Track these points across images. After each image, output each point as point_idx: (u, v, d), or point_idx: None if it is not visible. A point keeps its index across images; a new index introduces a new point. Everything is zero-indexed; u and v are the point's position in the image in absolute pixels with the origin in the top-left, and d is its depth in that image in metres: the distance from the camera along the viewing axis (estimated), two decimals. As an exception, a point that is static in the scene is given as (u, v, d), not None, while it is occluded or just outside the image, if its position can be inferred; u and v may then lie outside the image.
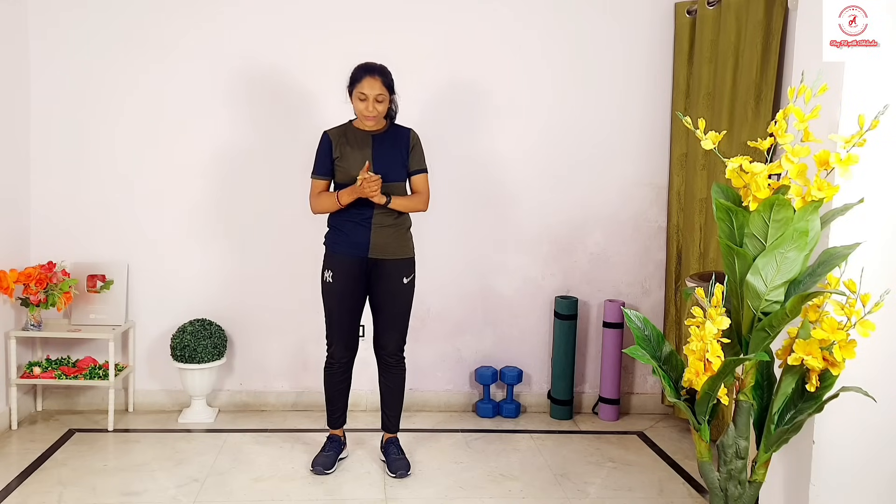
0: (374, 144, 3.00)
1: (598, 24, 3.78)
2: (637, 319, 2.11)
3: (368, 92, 2.90)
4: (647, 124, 3.84)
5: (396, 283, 3.05)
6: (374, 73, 2.92)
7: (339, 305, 3.07)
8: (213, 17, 3.65)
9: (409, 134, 3.07)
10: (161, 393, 3.80)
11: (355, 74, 2.96)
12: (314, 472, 3.10)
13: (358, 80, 2.93)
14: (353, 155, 2.98)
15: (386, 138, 3.03)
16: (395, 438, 3.21)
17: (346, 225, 3.01)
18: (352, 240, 3.00)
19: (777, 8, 3.16)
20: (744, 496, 2.04)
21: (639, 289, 3.93)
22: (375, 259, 3.00)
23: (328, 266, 3.07)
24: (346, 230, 3.01)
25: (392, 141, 3.03)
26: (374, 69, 2.94)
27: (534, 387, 3.95)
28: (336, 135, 3.04)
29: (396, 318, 3.10)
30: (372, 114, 2.93)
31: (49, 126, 3.65)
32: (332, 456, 3.16)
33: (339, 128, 3.07)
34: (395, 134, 3.05)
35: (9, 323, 3.52)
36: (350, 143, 3.00)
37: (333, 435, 3.24)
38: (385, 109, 2.97)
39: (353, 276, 3.03)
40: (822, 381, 1.92)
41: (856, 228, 2.02)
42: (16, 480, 2.96)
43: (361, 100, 2.92)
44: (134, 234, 3.72)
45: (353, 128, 3.05)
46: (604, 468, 3.25)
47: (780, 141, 1.90)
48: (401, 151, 3.02)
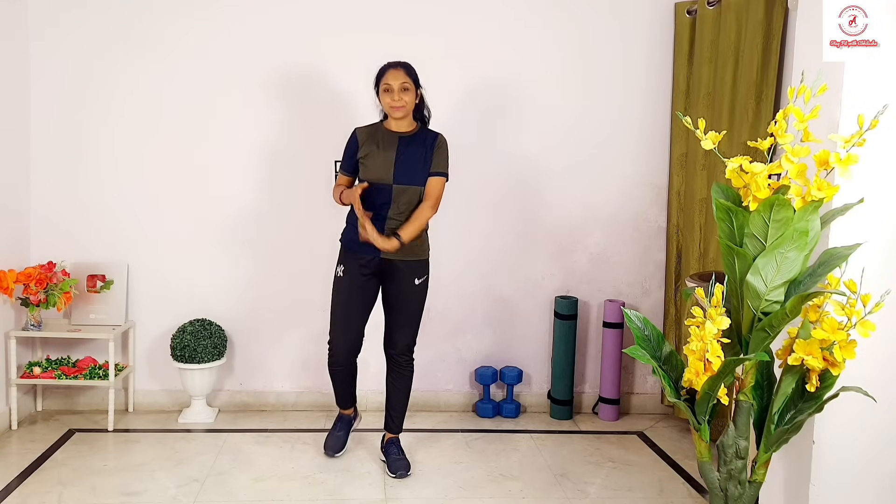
0: (400, 145, 2.98)
1: (599, 23, 3.78)
2: (637, 319, 2.11)
3: (393, 82, 2.91)
4: (648, 124, 3.84)
5: (408, 283, 3.03)
6: (397, 66, 2.95)
7: (345, 301, 3.04)
8: (212, 17, 3.65)
9: (436, 137, 3.03)
10: (161, 393, 3.80)
11: (380, 71, 2.98)
12: (326, 454, 3.23)
13: (382, 74, 2.96)
14: (377, 155, 2.96)
15: (413, 140, 3.00)
16: (396, 439, 3.21)
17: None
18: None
19: (777, 8, 3.16)
20: (744, 496, 2.04)
21: (639, 289, 3.93)
22: (389, 259, 2.98)
23: (341, 261, 3.06)
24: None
25: (419, 144, 3.00)
26: (397, 62, 2.97)
27: (534, 387, 3.95)
28: (364, 133, 3.03)
29: (408, 318, 3.10)
30: (398, 103, 2.91)
31: (49, 126, 3.65)
32: (342, 437, 3.25)
33: (369, 126, 3.06)
34: (423, 137, 3.02)
35: (9, 323, 3.52)
36: (377, 143, 2.99)
37: (343, 414, 3.31)
38: (412, 101, 2.95)
39: (364, 273, 3.01)
40: (822, 381, 1.92)
41: (856, 228, 2.02)
42: (16, 480, 2.96)
43: (386, 90, 2.92)
44: (134, 235, 3.72)
45: (382, 127, 3.03)
46: (604, 468, 3.25)
47: (780, 141, 1.90)
48: (426, 153, 2.98)
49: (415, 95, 2.97)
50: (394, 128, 3.00)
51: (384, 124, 3.04)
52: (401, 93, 2.91)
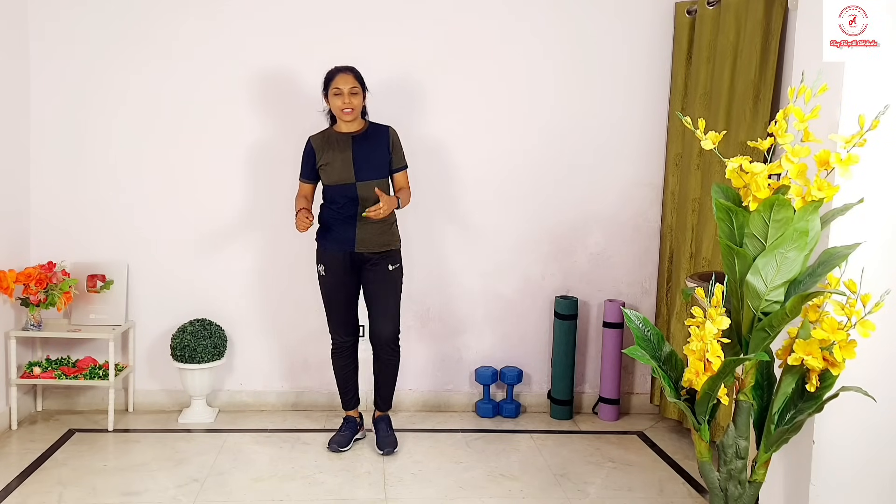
0: (354, 145, 3.16)
1: (598, 23, 3.78)
2: (637, 319, 2.11)
3: (342, 86, 3.08)
4: (647, 124, 3.84)
5: (382, 270, 3.20)
6: (345, 70, 3.12)
7: (333, 295, 3.25)
8: (212, 17, 3.65)
9: (388, 131, 3.23)
10: (161, 393, 3.80)
11: (327, 76, 3.16)
12: (330, 449, 3.27)
13: (331, 79, 3.12)
14: (336, 157, 3.14)
15: (365, 138, 3.19)
16: (385, 416, 3.33)
17: (335, 223, 3.18)
18: (339, 236, 3.17)
19: (777, 8, 3.16)
20: (744, 496, 2.04)
21: (639, 289, 3.93)
22: (361, 253, 3.16)
23: (320, 260, 3.26)
24: (335, 228, 3.18)
25: (372, 140, 3.18)
26: (344, 67, 3.14)
27: (534, 387, 3.95)
28: (318, 140, 3.22)
29: (387, 306, 3.23)
30: (349, 106, 3.08)
31: (49, 126, 3.65)
32: (347, 435, 3.31)
33: (322, 133, 3.24)
34: (374, 133, 3.21)
35: (9, 323, 3.52)
36: (332, 147, 3.17)
37: (349, 416, 3.37)
38: (360, 104, 3.14)
39: (343, 268, 3.20)
40: (822, 381, 1.92)
41: (856, 228, 2.02)
42: (16, 480, 2.96)
43: (337, 94, 3.09)
44: (133, 234, 3.72)
45: (333, 132, 3.22)
46: (604, 468, 3.25)
47: (780, 141, 1.90)
48: (382, 150, 3.18)
49: (362, 97, 3.15)
50: (344, 129, 3.18)
51: (334, 128, 3.21)
52: (350, 96, 3.08)
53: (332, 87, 3.10)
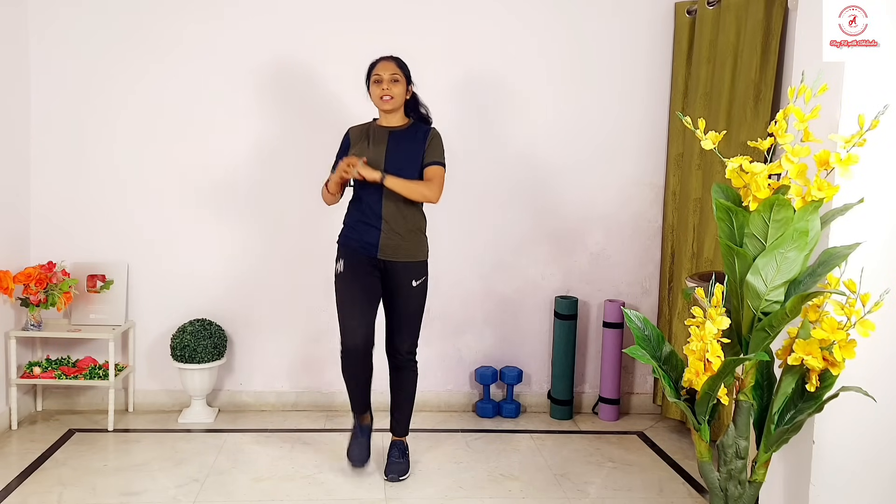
0: (391, 140, 2.95)
1: (598, 23, 3.78)
2: (637, 319, 2.11)
3: (382, 73, 2.91)
4: (647, 124, 3.84)
5: (406, 285, 2.97)
6: (388, 59, 2.96)
7: (350, 294, 2.96)
8: (211, 17, 3.65)
9: (428, 130, 3.00)
10: (161, 393, 3.80)
11: (371, 64, 2.98)
12: (352, 465, 3.11)
13: (373, 67, 2.96)
14: (368, 150, 2.93)
15: (404, 135, 2.98)
16: (400, 442, 3.15)
17: (359, 225, 2.96)
18: (363, 240, 2.94)
19: (777, 8, 3.16)
20: (744, 496, 2.04)
21: (639, 289, 3.93)
22: (385, 260, 2.95)
23: (340, 257, 3.01)
24: (359, 230, 2.96)
25: (411, 138, 2.97)
26: (388, 56, 2.97)
27: (534, 387, 3.95)
28: (357, 131, 3.03)
29: (407, 320, 3.03)
30: (387, 94, 2.89)
31: (49, 126, 3.65)
32: (364, 443, 3.11)
33: (362, 125, 3.06)
34: (415, 131, 3.00)
35: (9, 323, 3.52)
36: (368, 139, 2.98)
37: (360, 421, 3.14)
38: (401, 93, 2.93)
39: (363, 269, 2.96)
40: (822, 381, 1.92)
41: (856, 228, 2.02)
42: (16, 480, 2.96)
43: (377, 82, 2.91)
44: (134, 235, 3.72)
45: (374, 125, 3.03)
46: (604, 468, 3.25)
47: (780, 141, 1.90)
48: (417, 146, 2.95)
49: (405, 89, 2.96)
50: (385, 123, 3.00)
51: (376, 122, 3.04)
52: (390, 84, 2.90)
53: (373, 75, 2.92)
